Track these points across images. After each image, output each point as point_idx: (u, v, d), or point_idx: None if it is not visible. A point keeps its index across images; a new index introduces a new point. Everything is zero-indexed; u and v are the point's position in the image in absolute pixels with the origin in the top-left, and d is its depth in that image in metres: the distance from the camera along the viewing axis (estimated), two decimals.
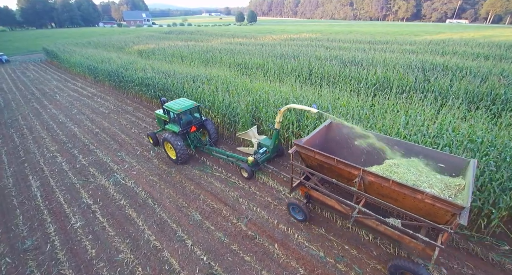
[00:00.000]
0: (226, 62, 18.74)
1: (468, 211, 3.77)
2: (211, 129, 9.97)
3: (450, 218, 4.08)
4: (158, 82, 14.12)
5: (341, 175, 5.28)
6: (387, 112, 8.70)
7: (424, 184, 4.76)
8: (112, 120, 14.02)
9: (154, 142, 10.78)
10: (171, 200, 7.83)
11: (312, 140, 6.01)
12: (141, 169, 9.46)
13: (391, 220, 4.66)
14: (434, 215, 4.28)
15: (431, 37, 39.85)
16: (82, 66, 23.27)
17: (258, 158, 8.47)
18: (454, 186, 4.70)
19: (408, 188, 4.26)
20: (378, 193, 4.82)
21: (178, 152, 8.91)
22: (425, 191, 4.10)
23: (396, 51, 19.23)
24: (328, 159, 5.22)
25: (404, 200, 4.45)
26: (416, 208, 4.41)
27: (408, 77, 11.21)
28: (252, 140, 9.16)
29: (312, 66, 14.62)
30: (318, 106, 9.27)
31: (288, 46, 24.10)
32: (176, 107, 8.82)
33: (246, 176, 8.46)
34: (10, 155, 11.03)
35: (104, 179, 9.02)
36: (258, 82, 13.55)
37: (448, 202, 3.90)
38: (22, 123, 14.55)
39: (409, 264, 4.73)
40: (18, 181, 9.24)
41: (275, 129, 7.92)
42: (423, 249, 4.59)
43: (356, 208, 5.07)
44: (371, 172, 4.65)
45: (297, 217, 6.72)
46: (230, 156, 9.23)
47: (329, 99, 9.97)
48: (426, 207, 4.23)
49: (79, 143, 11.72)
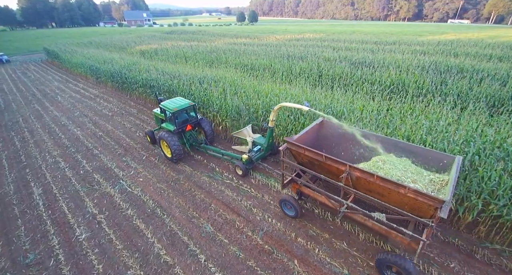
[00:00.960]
0: (231, 63, 18.33)
1: (449, 205, 3.84)
2: (207, 128, 10.03)
3: (433, 212, 4.13)
4: (163, 84, 13.72)
5: (330, 171, 5.38)
6: (406, 116, 8.30)
7: (409, 179, 4.90)
8: (116, 123, 13.62)
9: (152, 141, 10.92)
10: (180, 209, 7.43)
11: (304, 137, 6.10)
12: (148, 176, 9.06)
13: (376, 214, 4.80)
14: (418, 210, 4.37)
15: (435, 37, 39.42)
16: (84, 67, 22.87)
17: (252, 156, 8.55)
18: (439, 182, 4.82)
19: (391, 183, 4.35)
20: (365, 188, 4.92)
21: (173, 150, 9.02)
22: (408, 186, 4.17)
23: (406, 52, 18.81)
24: (317, 156, 5.32)
25: (390, 195, 4.55)
26: (401, 203, 4.51)
27: (424, 79, 10.79)
28: (247, 138, 9.20)
29: (321, 67, 14.19)
30: (333, 110, 8.88)
31: (293, 46, 23.69)
32: (172, 106, 8.98)
33: (240, 174, 8.58)
34: (11, 160, 10.63)
35: (109, 186, 8.62)
36: (266, 84, 13.16)
37: (429, 196, 3.97)
38: (23, 125, 14.15)
39: (395, 258, 4.77)
40: (20, 188, 8.85)
41: (269, 127, 7.93)
42: (408, 243, 4.67)
43: (344, 203, 5.21)
44: (357, 167, 4.75)
45: (289, 213, 6.79)
46: (225, 154, 9.36)
47: (343, 102, 9.57)
48: (410, 201, 4.32)
49: (82, 147, 11.32)
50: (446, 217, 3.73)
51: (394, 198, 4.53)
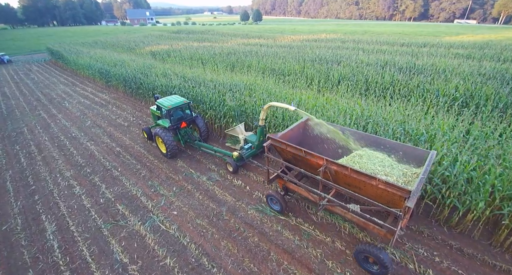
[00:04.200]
0: (255, 67, 16.76)
1: (417, 195, 4.02)
2: (201, 125, 10.27)
3: (404, 203, 4.18)
4: (187, 92, 12.17)
5: (311, 166, 5.57)
6: (502, 140, 6.76)
7: (382, 172, 5.14)
8: (134, 136, 12.09)
9: (149, 137, 11.20)
10: (232, 259, 5.91)
11: (289, 134, 6.36)
12: (182, 208, 7.54)
13: (351, 206, 5.07)
14: (392, 202, 4.48)
15: (451, 38, 37.91)
16: (92, 69, 21.32)
17: (243, 153, 8.79)
18: (411, 175, 5.05)
19: (364, 175, 4.54)
20: (344, 182, 5.11)
21: (168, 146, 9.32)
22: (378, 177, 4.35)
23: (449, 56, 17.14)
24: (297, 151, 5.58)
25: (366, 188, 4.70)
26: (376, 195, 4.65)
27: (502, 92, 9.22)
28: (239, 136, 9.54)
29: (365, 74, 12.55)
30: (410, 132, 7.34)
31: (316, 48, 22.09)
32: (167, 103, 9.26)
33: (231, 170, 8.78)
34: (17, 183, 9.12)
35: (137, 221, 7.10)
36: (304, 92, 11.63)
37: (397, 186, 4.16)
38: (29, 137, 12.63)
39: (371, 248, 4.93)
40: (28, 222, 7.33)
41: (260, 126, 8.19)
42: (384, 234, 4.87)
43: (323, 196, 5.49)
44: (334, 161, 4.95)
45: (274, 208, 7.07)
46: (217, 151, 9.54)
47: (414, 119, 8.02)
48: (383, 193, 4.46)
49: (99, 166, 9.80)
50: (413, 206, 3.90)
51: (369, 191, 4.70)
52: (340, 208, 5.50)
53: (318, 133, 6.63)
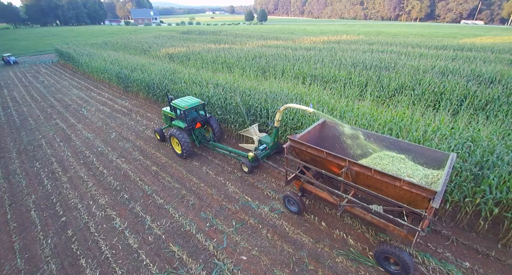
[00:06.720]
0: (290, 72, 15.41)
1: (441, 196, 3.99)
2: (215, 126, 10.31)
3: (427, 204, 4.21)
4: (229, 103, 10.83)
5: (331, 167, 5.54)
6: None
7: (404, 174, 5.21)
8: (169, 152, 10.74)
9: (161, 138, 11.21)
10: None
11: (306, 136, 6.37)
12: (251, 251, 6.20)
13: (374, 207, 5.00)
14: (414, 202, 4.50)
15: (470, 40, 36.64)
16: (108, 73, 19.98)
17: (258, 154, 8.80)
18: (433, 177, 5.07)
19: (387, 176, 4.54)
20: (365, 183, 5.12)
21: (184, 146, 9.36)
22: (403, 178, 4.35)
23: (504, 62, 15.66)
24: (318, 152, 5.54)
25: (387, 189, 4.72)
26: (398, 196, 4.67)
27: None
28: (253, 137, 9.62)
29: (429, 82, 11.06)
30: None
31: (347, 51, 20.70)
32: (183, 104, 9.30)
33: (246, 170, 8.81)
34: (43, 212, 7.80)
35: (200, 269, 5.77)
36: (360, 103, 10.30)
37: (422, 187, 4.17)
38: (49, 152, 11.30)
39: (393, 249, 4.91)
40: (65, 268, 6.01)
41: (275, 127, 8.33)
42: (405, 235, 4.86)
43: (344, 197, 5.42)
44: (356, 162, 4.91)
45: (291, 209, 7.06)
46: (232, 152, 9.56)
47: None
48: (406, 194, 4.48)
49: (137, 191, 8.47)
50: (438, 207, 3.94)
51: (391, 192, 4.70)
52: (359, 209, 5.59)
53: (337, 135, 6.65)
